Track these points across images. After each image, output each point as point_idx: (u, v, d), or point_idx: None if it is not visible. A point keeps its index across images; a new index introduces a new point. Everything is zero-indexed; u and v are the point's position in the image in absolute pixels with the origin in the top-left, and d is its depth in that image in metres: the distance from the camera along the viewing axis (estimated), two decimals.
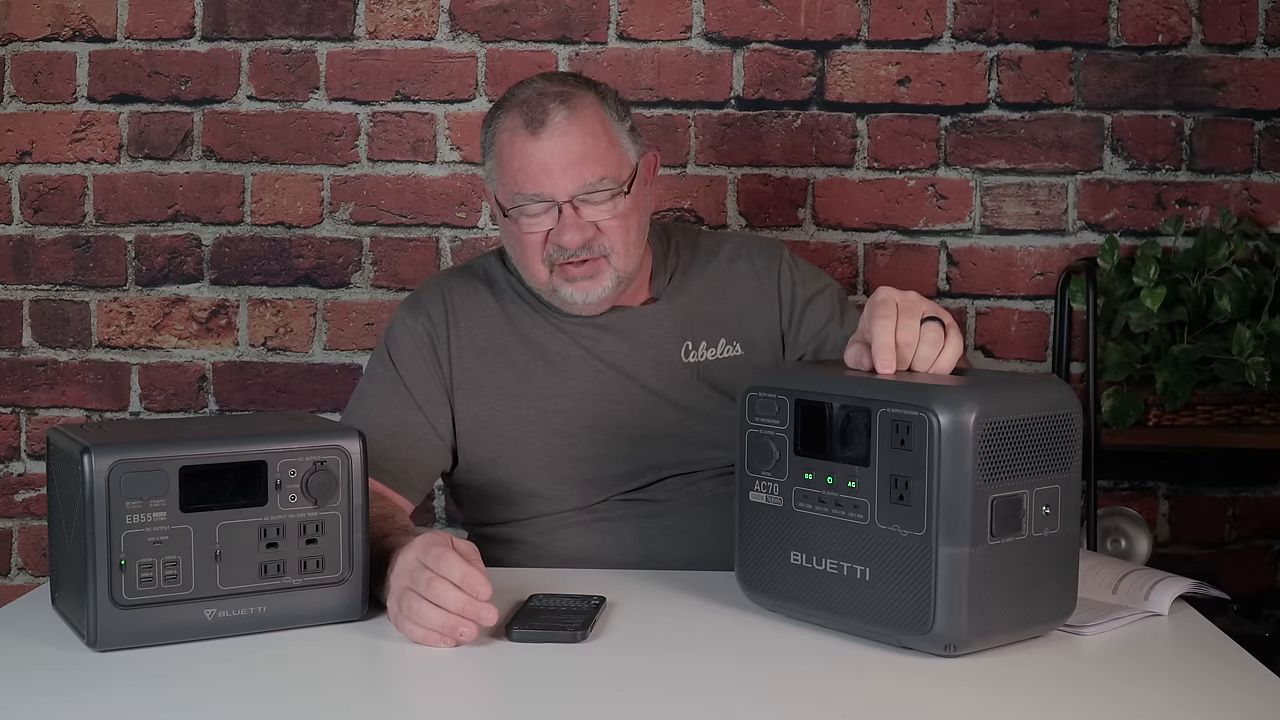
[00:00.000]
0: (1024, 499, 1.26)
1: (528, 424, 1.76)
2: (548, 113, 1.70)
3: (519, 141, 1.71)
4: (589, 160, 1.70)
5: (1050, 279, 2.54)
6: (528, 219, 1.71)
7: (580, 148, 1.70)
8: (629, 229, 1.73)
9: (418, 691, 1.23)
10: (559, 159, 1.69)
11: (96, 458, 1.27)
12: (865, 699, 1.22)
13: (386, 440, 1.72)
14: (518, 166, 1.71)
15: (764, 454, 1.36)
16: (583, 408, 1.77)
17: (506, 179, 1.73)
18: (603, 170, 1.71)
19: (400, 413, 1.76)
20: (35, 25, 2.58)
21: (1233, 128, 2.53)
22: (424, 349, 1.78)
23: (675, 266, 1.85)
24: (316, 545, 1.36)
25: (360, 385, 1.83)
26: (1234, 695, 1.22)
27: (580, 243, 1.70)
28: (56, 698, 1.20)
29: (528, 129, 1.71)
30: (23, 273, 2.61)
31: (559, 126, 1.70)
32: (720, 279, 1.85)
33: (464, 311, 1.80)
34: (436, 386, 1.77)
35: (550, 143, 1.70)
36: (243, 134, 2.58)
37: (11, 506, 2.64)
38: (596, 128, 1.72)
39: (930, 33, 2.53)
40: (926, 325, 1.34)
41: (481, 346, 1.78)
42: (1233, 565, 2.54)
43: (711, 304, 1.83)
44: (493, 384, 1.77)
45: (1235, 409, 2.42)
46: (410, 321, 1.80)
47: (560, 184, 1.69)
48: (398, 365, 1.78)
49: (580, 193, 1.70)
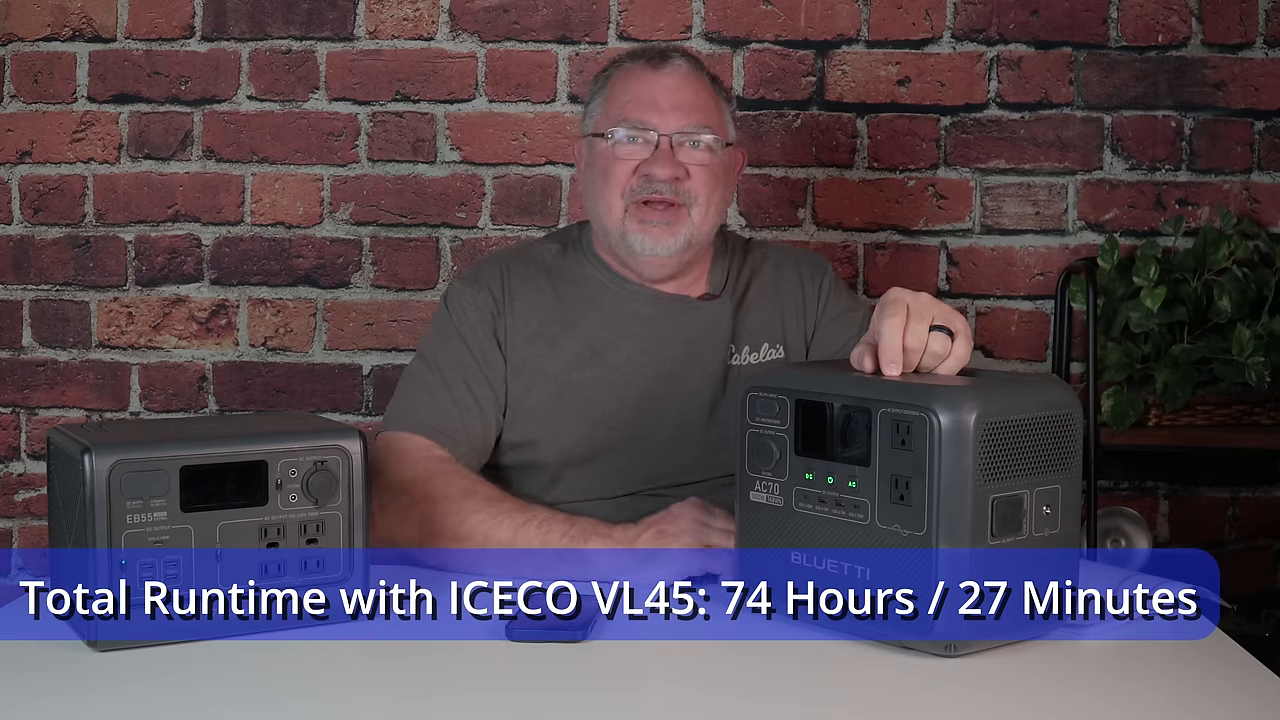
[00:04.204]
0: (1024, 499, 1.26)
1: (568, 410, 1.77)
2: (670, 58, 1.81)
3: (636, 74, 1.80)
4: (697, 108, 1.78)
5: (1050, 279, 2.54)
6: (624, 146, 1.77)
7: (692, 95, 1.79)
8: (713, 188, 1.78)
9: (418, 691, 1.23)
10: (670, 96, 1.77)
11: (97, 458, 1.27)
12: (865, 699, 1.22)
13: (462, 414, 1.74)
14: (629, 98, 1.79)
15: (764, 454, 1.36)
16: (625, 399, 1.78)
17: (613, 110, 1.80)
18: (706, 121, 1.78)
19: (473, 386, 1.76)
20: (35, 25, 2.58)
21: (1233, 128, 2.53)
22: (487, 324, 1.80)
23: (730, 266, 1.88)
24: (316, 545, 1.36)
25: (424, 356, 1.80)
26: (1234, 695, 1.22)
27: (669, 177, 1.75)
28: (56, 698, 1.20)
29: (649, 64, 1.80)
30: (23, 273, 2.61)
31: (679, 68, 1.80)
32: (768, 284, 1.88)
33: (519, 294, 1.82)
34: (498, 361, 1.79)
35: (667, 79, 1.78)
36: (243, 134, 2.58)
37: (11, 506, 2.64)
38: (709, 88, 1.82)
39: (930, 33, 2.53)
40: (934, 335, 1.34)
41: (533, 331, 1.80)
42: (1233, 565, 2.54)
43: (759, 309, 1.86)
44: (538, 368, 1.79)
45: (1235, 409, 2.42)
46: (473, 295, 1.81)
47: (667, 119, 1.76)
48: (466, 338, 1.79)
49: (682, 130, 1.76)
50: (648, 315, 1.82)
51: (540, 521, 1.58)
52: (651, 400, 1.79)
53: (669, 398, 1.79)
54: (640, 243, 1.76)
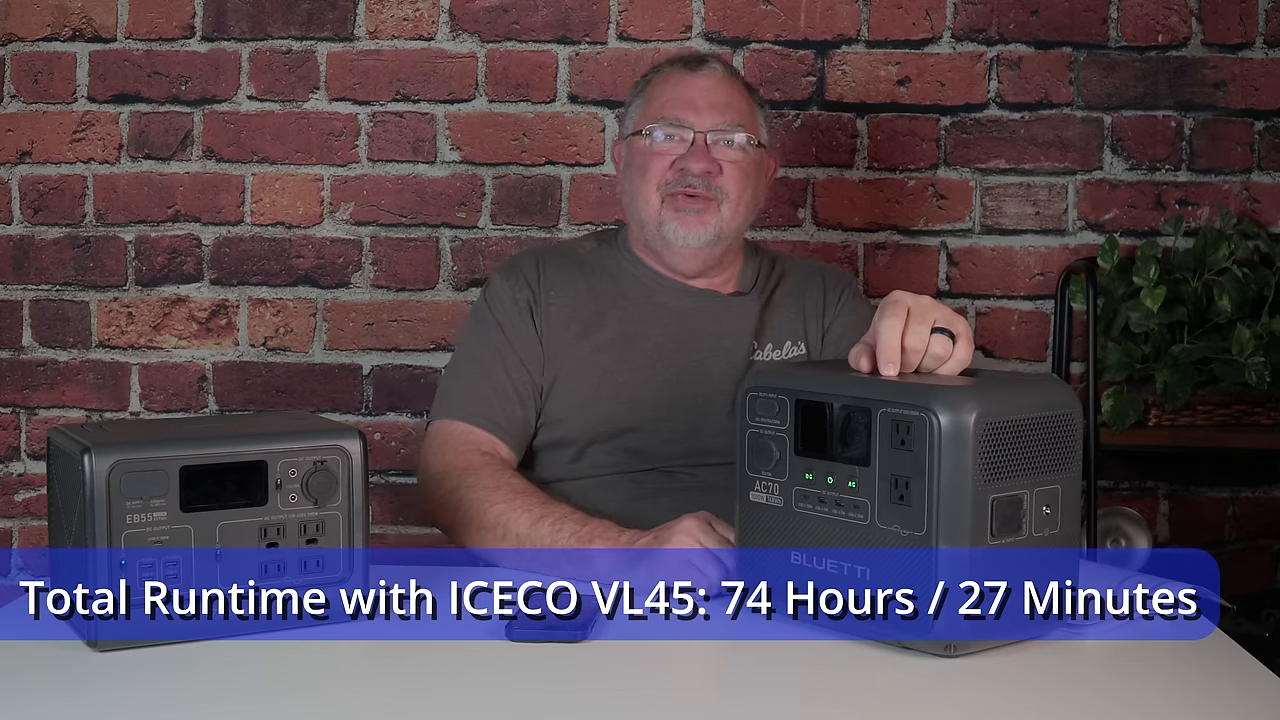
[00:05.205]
0: (1024, 499, 1.26)
1: (597, 390, 1.85)
2: (707, 62, 1.91)
3: (675, 76, 1.90)
4: (732, 108, 1.87)
5: (1050, 279, 2.54)
6: (662, 143, 1.85)
7: (727, 96, 1.87)
8: (744, 186, 1.86)
9: (417, 691, 1.23)
10: (707, 96, 1.86)
11: (97, 458, 1.27)
12: (865, 699, 1.22)
13: (502, 400, 1.83)
14: (667, 98, 1.87)
15: (764, 454, 1.36)
16: (651, 383, 1.85)
17: (652, 109, 1.88)
18: (740, 120, 1.86)
19: (514, 374, 1.85)
20: (35, 25, 2.58)
21: (1233, 128, 2.53)
22: (525, 313, 1.87)
23: (760, 268, 1.97)
24: (316, 545, 1.36)
25: (465, 348, 1.90)
26: (1234, 695, 1.22)
27: (703, 170, 1.82)
28: (56, 698, 1.20)
29: (687, 68, 1.90)
30: (23, 273, 2.61)
31: (716, 72, 1.90)
32: (794, 287, 1.96)
33: (554, 283, 1.90)
34: (537, 348, 1.86)
35: (704, 80, 1.88)
36: (243, 134, 2.58)
37: (11, 506, 2.64)
38: (744, 93, 1.91)
39: (930, 33, 2.53)
40: (935, 337, 1.34)
41: (566, 318, 1.88)
42: (1233, 565, 2.54)
43: (784, 309, 1.94)
44: (571, 353, 1.86)
45: (1235, 409, 2.42)
46: (510, 286, 1.89)
47: (703, 117, 1.85)
48: (504, 328, 1.87)
49: (717, 128, 1.84)
50: (678, 307, 1.90)
51: (555, 519, 1.62)
52: (677, 385, 1.86)
53: (693, 383, 1.86)
54: (674, 231, 1.84)
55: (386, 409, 2.58)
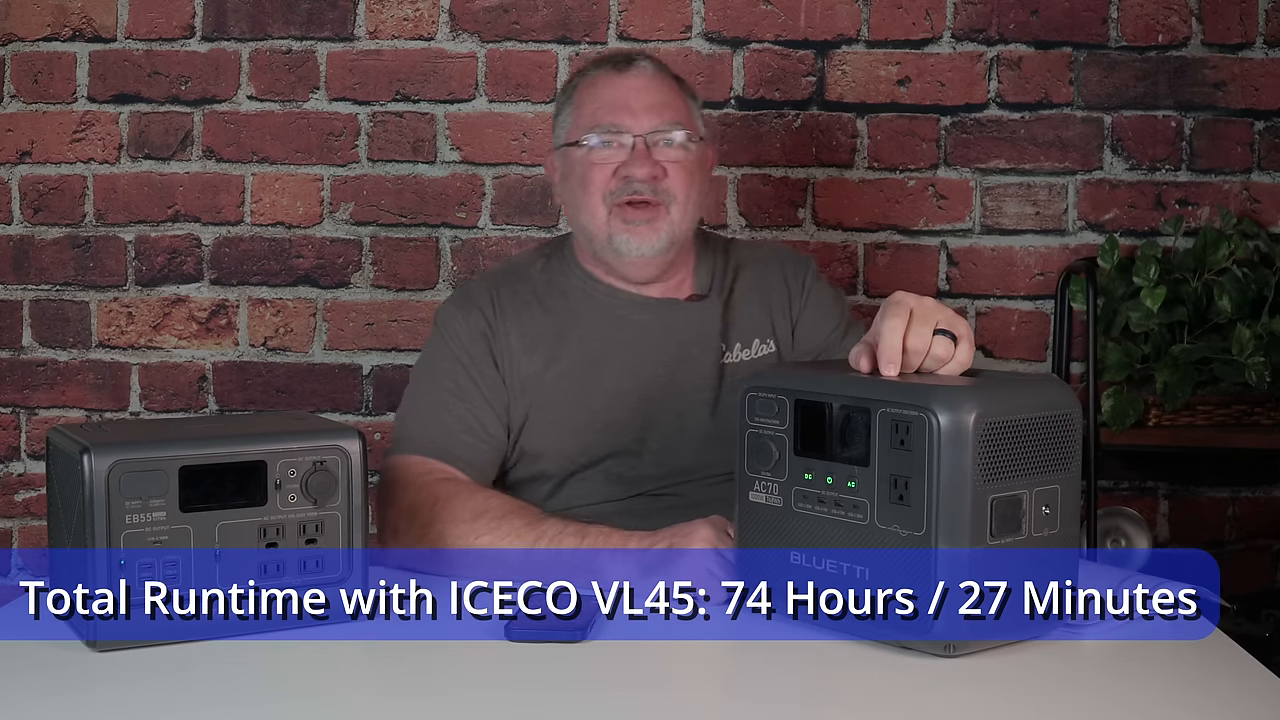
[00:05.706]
0: (1024, 499, 1.26)
1: (570, 421, 1.78)
2: (635, 62, 1.83)
3: (603, 80, 1.82)
4: (668, 106, 1.80)
5: (1050, 279, 2.54)
6: (600, 151, 1.78)
7: (661, 95, 1.81)
8: (690, 185, 1.80)
9: (417, 691, 1.23)
10: (641, 98, 1.79)
11: (96, 458, 1.27)
12: (865, 699, 1.22)
13: (465, 435, 1.75)
14: (599, 104, 1.80)
15: (764, 454, 1.36)
16: (625, 405, 1.79)
17: (584, 118, 1.81)
18: (677, 118, 1.80)
19: (475, 409, 1.77)
20: (35, 25, 2.58)
21: (1233, 128, 2.53)
22: (484, 345, 1.79)
23: (715, 266, 1.89)
24: (316, 545, 1.36)
25: (419, 381, 1.81)
26: (1234, 695, 1.22)
27: (648, 176, 1.76)
28: (56, 698, 1.20)
29: (615, 70, 1.82)
30: (23, 273, 2.61)
31: (645, 71, 1.83)
32: (754, 281, 1.89)
33: (510, 310, 1.82)
34: (499, 383, 1.79)
35: (635, 80, 1.81)
36: (243, 134, 2.58)
37: (11, 506, 2.64)
38: (676, 88, 1.85)
39: (930, 33, 2.53)
40: (937, 339, 1.34)
41: (528, 347, 1.80)
42: (1233, 565, 2.54)
43: (746, 306, 1.87)
44: (537, 384, 1.79)
45: (1235, 409, 2.42)
46: (466, 317, 1.81)
47: (639, 119, 1.78)
48: (463, 362, 1.79)
49: (655, 130, 1.78)
50: (638, 321, 1.83)
51: (550, 538, 1.56)
52: (651, 403, 1.79)
53: (668, 399, 1.80)
54: (625, 244, 1.77)
55: (386, 409, 2.58)
